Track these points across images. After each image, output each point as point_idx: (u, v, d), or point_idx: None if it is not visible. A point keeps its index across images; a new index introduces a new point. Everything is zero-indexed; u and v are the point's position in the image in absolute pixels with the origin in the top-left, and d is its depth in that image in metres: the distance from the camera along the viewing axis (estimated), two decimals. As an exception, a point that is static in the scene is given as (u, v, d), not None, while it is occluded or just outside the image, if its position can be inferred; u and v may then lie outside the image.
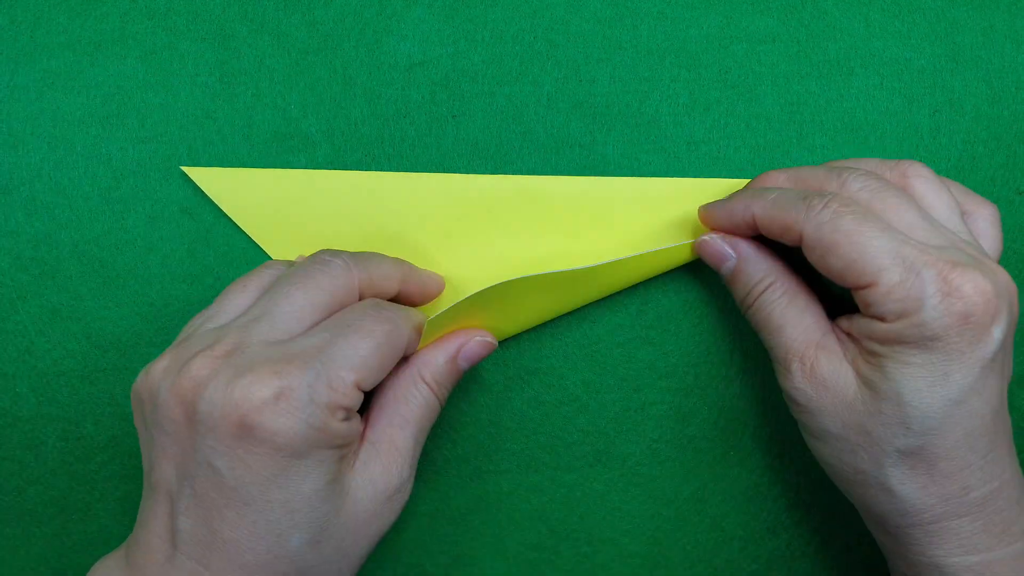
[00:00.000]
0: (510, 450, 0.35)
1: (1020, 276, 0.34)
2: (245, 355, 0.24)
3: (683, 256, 0.32)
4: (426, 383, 0.28)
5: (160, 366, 0.25)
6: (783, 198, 0.28)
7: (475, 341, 0.29)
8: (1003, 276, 0.26)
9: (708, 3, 0.34)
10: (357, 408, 0.26)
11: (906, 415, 0.26)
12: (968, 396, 0.25)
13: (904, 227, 0.26)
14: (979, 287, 0.25)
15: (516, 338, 0.34)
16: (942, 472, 0.26)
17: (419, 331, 0.28)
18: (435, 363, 0.28)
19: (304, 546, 0.24)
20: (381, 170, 0.33)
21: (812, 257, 0.27)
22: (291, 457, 0.24)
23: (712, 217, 0.31)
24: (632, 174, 0.33)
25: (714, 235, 0.31)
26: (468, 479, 0.35)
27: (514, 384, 0.34)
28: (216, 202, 0.33)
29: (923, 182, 0.28)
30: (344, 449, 0.25)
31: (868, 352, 0.27)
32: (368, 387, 0.26)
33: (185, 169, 0.33)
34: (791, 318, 0.29)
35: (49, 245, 0.33)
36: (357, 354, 0.25)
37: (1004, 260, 0.34)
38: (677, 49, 0.34)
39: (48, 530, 0.34)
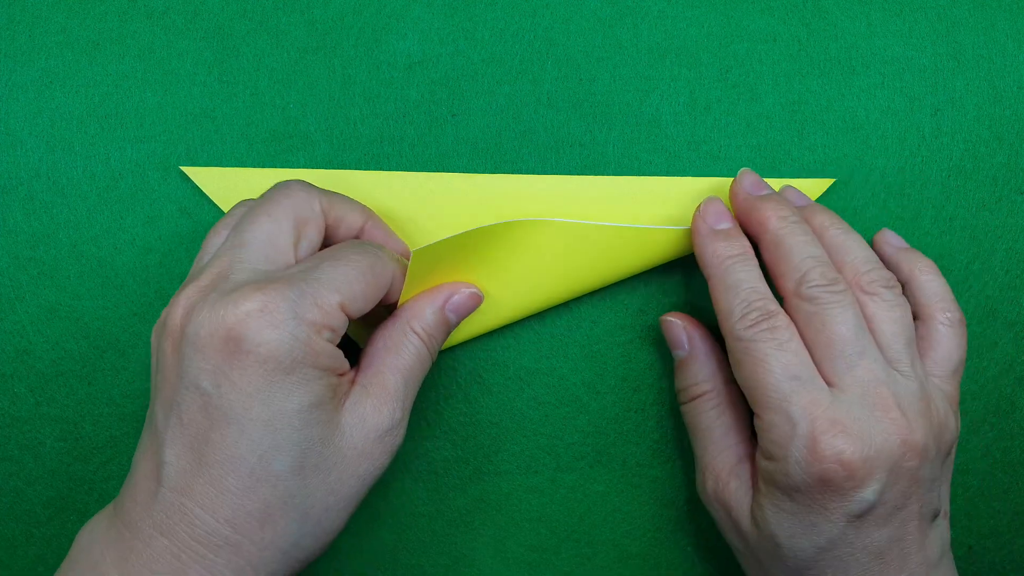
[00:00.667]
0: (510, 451, 0.34)
1: (1021, 276, 0.34)
2: (230, 280, 0.25)
3: (676, 247, 0.32)
4: (416, 333, 0.28)
5: (163, 314, 0.26)
6: (737, 288, 0.28)
7: (461, 293, 0.30)
8: (894, 437, 0.26)
9: (708, 2, 0.34)
10: (343, 332, 0.26)
11: (782, 554, 0.27)
12: (837, 544, 0.27)
13: (835, 347, 0.27)
14: (842, 458, 0.26)
15: (516, 338, 0.34)
16: None
17: (403, 268, 0.28)
18: (423, 314, 0.29)
19: (288, 472, 0.24)
20: (380, 169, 0.33)
21: (729, 360, 0.29)
22: (275, 371, 0.24)
23: (695, 243, 0.31)
24: (632, 174, 0.33)
25: (678, 320, 0.32)
26: (468, 480, 0.35)
27: (514, 384, 0.34)
28: (215, 202, 0.33)
29: (878, 304, 0.28)
30: (332, 376, 0.25)
31: (757, 487, 0.29)
32: (353, 313, 0.26)
33: (184, 169, 0.33)
34: (715, 434, 0.31)
35: (47, 245, 0.33)
36: (341, 277, 0.25)
37: (1006, 261, 0.34)
38: (677, 48, 0.34)
39: (47, 530, 0.34)
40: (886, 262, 0.31)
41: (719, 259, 0.29)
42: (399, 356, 0.28)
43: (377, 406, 0.26)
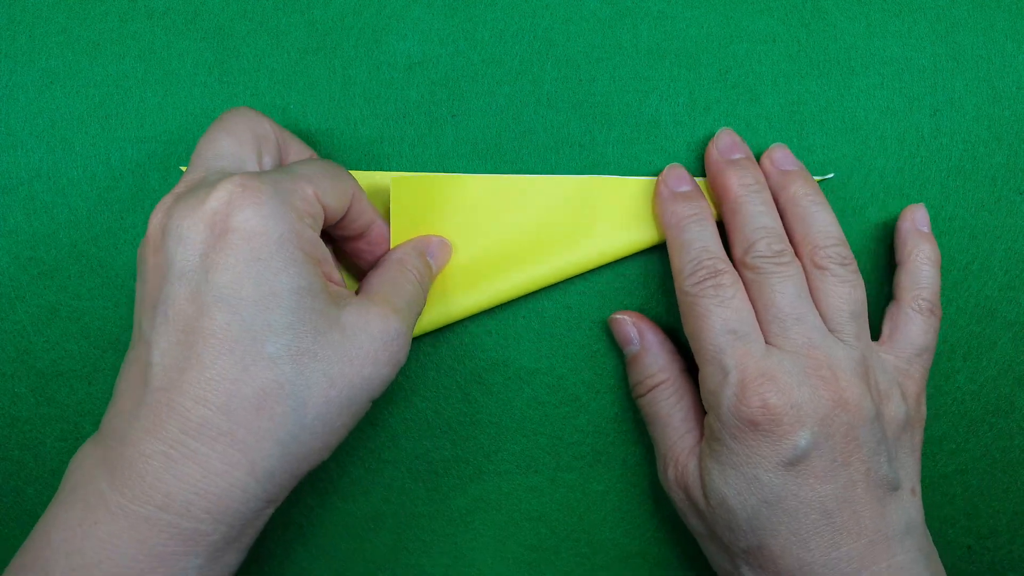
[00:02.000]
0: (510, 451, 0.34)
1: (1020, 276, 0.34)
2: (206, 182, 0.25)
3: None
4: (409, 271, 0.29)
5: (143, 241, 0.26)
6: (689, 247, 0.30)
7: (433, 241, 0.31)
8: (823, 392, 0.27)
9: (708, 3, 0.34)
10: (321, 225, 0.26)
11: (733, 517, 0.28)
12: (783, 498, 0.27)
13: (771, 311, 0.29)
14: (767, 403, 0.27)
15: (516, 338, 0.34)
16: (786, 568, 0.27)
17: (358, 187, 0.29)
18: (411, 257, 0.30)
19: (283, 356, 0.24)
20: (380, 169, 0.33)
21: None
22: (263, 247, 0.24)
23: (656, 205, 0.33)
24: (632, 174, 0.33)
25: (626, 317, 0.33)
26: (468, 480, 0.35)
27: (514, 384, 0.34)
28: (215, 202, 0.33)
29: (827, 279, 0.30)
30: (320, 268, 0.25)
31: (703, 452, 0.29)
32: (327, 205, 0.26)
33: (184, 169, 0.33)
34: (675, 420, 0.31)
35: (48, 245, 0.33)
36: (311, 171, 0.26)
37: (1005, 261, 0.34)
38: (677, 49, 0.34)
39: (47, 530, 0.34)
40: (898, 236, 0.33)
41: (676, 219, 0.31)
42: (398, 286, 0.28)
43: (382, 315, 0.26)
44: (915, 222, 0.32)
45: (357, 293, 0.28)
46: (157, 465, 0.23)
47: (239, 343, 0.23)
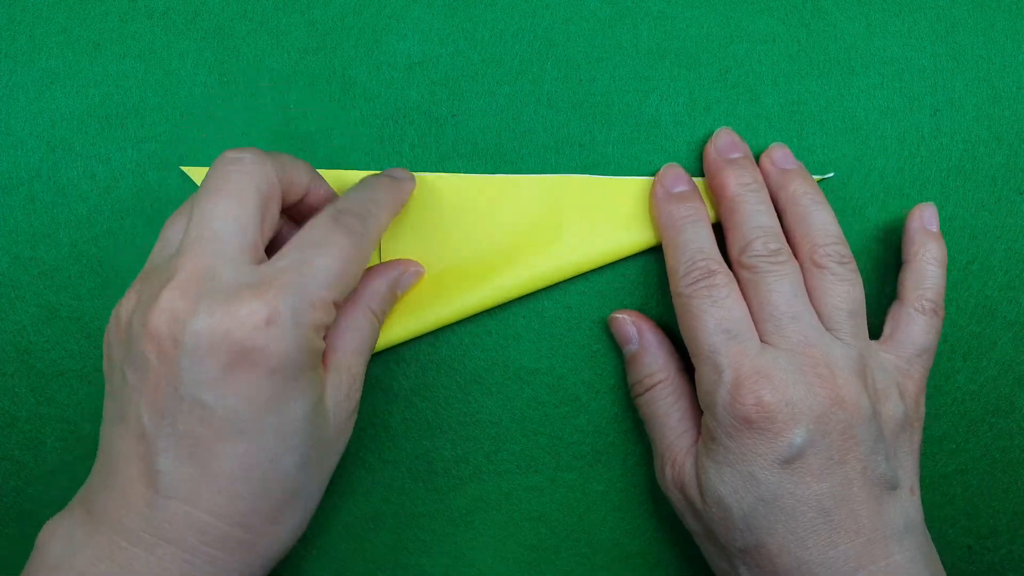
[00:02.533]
0: (510, 451, 0.34)
1: (1020, 276, 0.34)
2: (217, 280, 0.24)
3: (650, 234, 0.33)
4: (374, 313, 0.29)
5: (128, 306, 0.25)
6: (685, 247, 0.30)
7: (410, 272, 0.32)
8: (819, 389, 0.27)
9: (708, 3, 0.34)
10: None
11: (730, 516, 0.28)
12: (779, 496, 0.27)
13: (766, 310, 0.29)
14: (762, 401, 0.27)
15: (516, 338, 0.34)
16: (783, 567, 0.27)
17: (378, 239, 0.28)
18: (380, 293, 0.30)
19: (295, 469, 0.25)
20: (380, 169, 0.33)
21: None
22: (285, 380, 0.24)
23: (652, 205, 0.33)
24: (632, 174, 0.33)
25: (625, 316, 0.33)
26: (468, 479, 0.35)
27: (514, 384, 0.34)
28: (215, 202, 0.33)
29: (826, 277, 0.30)
30: (320, 371, 0.26)
31: (699, 453, 0.29)
32: (342, 301, 0.26)
33: (184, 169, 0.33)
34: (672, 419, 0.31)
35: (48, 245, 0.33)
36: (331, 272, 0.25)
37: (1005, 261, 0.34)
38: (677, 49, 0.34)
39: (47, 530, 0.34)
40: (905, 234, 0.32)
41: (671, 219, 0.31)
42: (361, 336, 0.29)
43: (349, 392, 0.28)
44: (923, 220, 0.32)
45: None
46: (176, 569, 0.24)
47: (258, 468, 0.24)
